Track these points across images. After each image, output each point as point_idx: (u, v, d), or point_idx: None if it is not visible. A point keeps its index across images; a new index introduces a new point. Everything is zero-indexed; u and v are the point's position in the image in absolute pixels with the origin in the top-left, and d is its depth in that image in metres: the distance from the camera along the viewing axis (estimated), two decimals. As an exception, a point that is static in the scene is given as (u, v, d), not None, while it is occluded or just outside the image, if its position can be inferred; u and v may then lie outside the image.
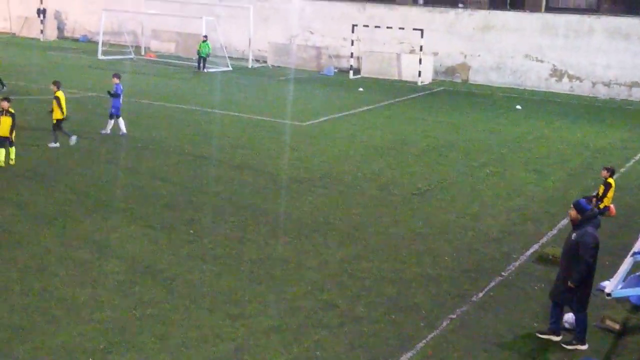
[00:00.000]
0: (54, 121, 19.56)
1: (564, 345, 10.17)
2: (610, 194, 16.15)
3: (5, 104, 17.46)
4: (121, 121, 21.43)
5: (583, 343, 10.18)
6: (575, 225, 10.04)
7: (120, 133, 21.33)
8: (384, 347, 9.91)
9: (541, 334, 10.41)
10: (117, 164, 18.60)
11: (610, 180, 16.23)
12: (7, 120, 17.44)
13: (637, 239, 11.48)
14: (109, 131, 21.40)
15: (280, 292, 11.49)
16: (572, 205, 10.14)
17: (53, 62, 37.26)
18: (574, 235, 9.97)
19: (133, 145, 20.53)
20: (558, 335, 10.33)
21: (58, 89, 19.46)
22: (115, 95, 21.24)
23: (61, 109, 19.35)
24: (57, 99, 19.32)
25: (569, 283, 9.89)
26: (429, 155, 21.28)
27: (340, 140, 22.71)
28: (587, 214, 9.95)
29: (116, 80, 21.50)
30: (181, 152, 20.06)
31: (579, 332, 10.21)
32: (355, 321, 10.62)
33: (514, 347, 10.15)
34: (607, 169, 16.47)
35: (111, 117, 21.43)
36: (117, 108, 21.31)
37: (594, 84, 35.47)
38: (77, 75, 32.98)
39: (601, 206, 16.14)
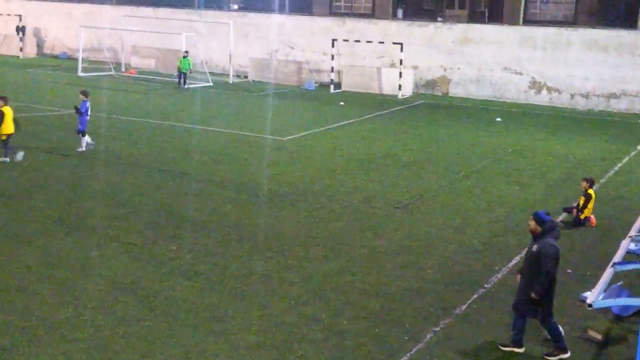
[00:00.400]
0: (3, 136, 19.57)
1: (547, 358, 10.19)
2: (590, 204, 16.28)
3: None
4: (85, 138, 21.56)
5: (565, 351, 10.20)
6: (536, 236, 9.99)
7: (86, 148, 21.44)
8: (368, 361, 9.90)
9: (503, 346, 10.38)
10: (98, 181, 18.50)
11: (590, 191, 16.36)
12: None
13: (618, 249, 11.55)
14: (84, 148, 21.34)
15: (263, 307, 11.45)
16: (531, 217, 10.09)
17: (32, 80, 37.09)
18: (534, 246, 9.93)
19: (113, 162, 20.45)
20: (520, 347, 10.32)
21: (5, 104, 19.55)
22: (80, 113, 21.34)
23: (8, 123, 19.45)
24: (2, 114, 19.37)
25: (532, 295, 9.85)
26: (411, 168, 21.36)
27: (321, 154, 22.75)
28: (547, 225, 9.90)
29: (83, 97, 21.64)
30: (162, 169, 20.00)
31: (557, 342, 10.21)
32: (339, 335, 10.60)
33: (498, 359, 10.16)
34: (587, 180, 16.60)
35: (79, 133, 21.45)
36: (84, 124, 21.39)
37: (572, 95, 35.78)
38: (56, 92, 32.84)
39: (582, 217, 16.27)
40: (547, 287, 9.85)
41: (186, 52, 37.95)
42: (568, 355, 10.19)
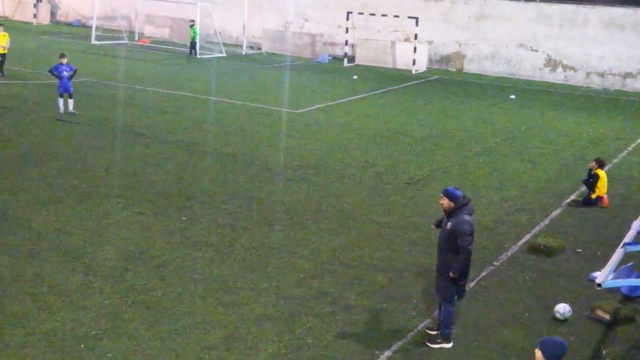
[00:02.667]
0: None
1: (429, 344, 9.76)
2: (601, 185, 16.17)
3: None
4: (61, 101, 21.80)
5: (449, 341, 9.79)
6: (449, 214, 9.58)
7: (61, 111, 21.76)
8: (376, 336, 9.93)
9: (430, 330, 10.09)
10: (110, 150, 18.54)
11: (600, 171, 16.23)
12: None
13: (629, 229, 11.50)
14: (61, 109, 21.78)
15: (272, 280, 11.49)
16: (442, 194, 9.63)
17: (46, 47, 37.05)
18: (448, 224, 9.51)
19: (126, 131, 20.47)
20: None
21: None
22: (56, 76, 21.72)
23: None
24: None
25: (451, 274, 9.45)
26: (423, 144, 21.28)
27: (333, 128, 22.69)
28: (460, 201, 9.52)
29: (62, 60, 21.93)
30: (174, 139, 20.02)
31: (446, 327, 9.75)
32: (347, 310, 10.63)
33: (504, 337, 10.18)
34: (596, 161, 16.49)
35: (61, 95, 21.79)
36: (63, 87, 21.70)
37: (588, 74, 35.49)
38: (70, 60, 32.76)
39: (593, 196, 16.18)
40: (464, 265, 9.49)
41: (192, 21, 37.88)
42: (450, 345, 9.76)
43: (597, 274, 11.30)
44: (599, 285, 9.40)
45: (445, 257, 9.61)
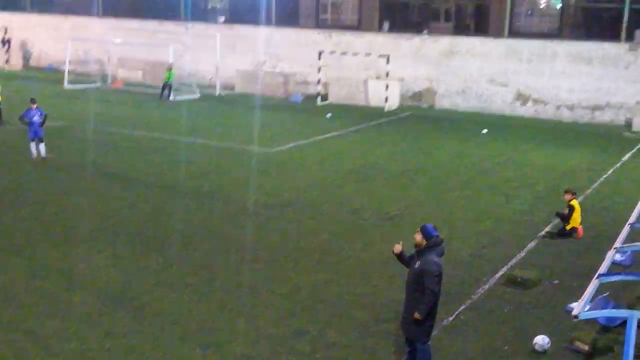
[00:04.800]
0: None
1: None
2: (575, 215, 16.35)
3: None
4: (33, 145, 21.63)
5: None
6: (419, 251, 9.64)
7: (33, 156, 21.59)
8: (357, 373, 9.89)
9: None
10: (85, 193, 18.43)
11: (574, 202, 16.43)
12: None
13: (603, 260, 11.63)
14: (34, 153, 21.60)
15: (251, 319, 11.44)
16: (418, 230, 9.70)
17: (18, 92, 36.89)
18: (417, 263, 9.56)
19: (100, 174, 20.39)
20: None
21: None
22: (26, 123, 21.56)
23: None
24: None
25: (416, 315, 9.46)
26: (398, 179, 21.41)
27: (309, 166, 22.77)
28: (432, 241, 9.57)
29: (32, 105, 21.85)
30: (149, 181, 19.96)
31: None
32: (327, 347, 10.59)
33: (486, 370, 10.20)
34: (568, 192, 16.68)
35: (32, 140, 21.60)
36: (33, 132, 21.54)
37: (558, 107, 35.99)
38: (42, 104, 32.64)
39: (567, 228, 16.34)
40: (430, 306, 9.47)
41: (170, 64, 38.09)
42: None
43: (574, 305, 11.39)
44: (576, 316, 9.48)
45: (413, 296, 9.60)
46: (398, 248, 9.91)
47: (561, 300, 12.74)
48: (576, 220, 16.37)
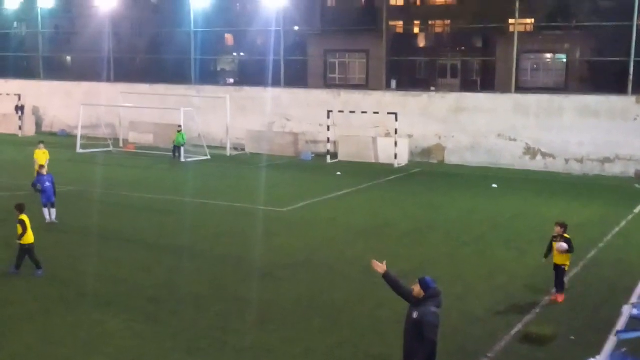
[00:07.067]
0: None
1: None
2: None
3: None
4: (46, 211, 22.03)
5: None
6: (417, 302, 9.75)
7: (47, 221, 21.93)
8: None
9: None
10: (99, 257, 18.51)
11: (566, 235, 16.33)
12: None
13: (620, 314, 11.53)
14: (48, 219, 22.01)
15: (266, 382, 11.36)
16: (417, 281, 9.82)
17: (32, 157, 37.30)
18: (415, 313, 9.66)
19: (113, 238, 20.49)
20: None
21: (22, 212, 17.15)
22: (38, 190, 22.01)
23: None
24: (23, 222, 16.88)
25: None
26: (410, 236, 21.41)
27: (320, 224, 22.82)
28: (430, 292, 9.70)
29: (42, 171, 22.56)
30: (162, 244, 20.04)
31: None
32: (344, 409, 10.49)
33: None
34: (561, 225, 16.53)
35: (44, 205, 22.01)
36: (46, 198, 21.98)
37: (567, 160, 36.09)
38: (56, 169, 33.00)
39: (566, 269, 16.12)
40: (428, 356, 9.50)
41: (179, 126, 38.58)
42: None
43: (592, 360, 11.26)
44: (594, 374, 9.36)
45: (411, 345, 9.64)
46: (382, 267, 10.00)
47: (578, 356, 12.58)
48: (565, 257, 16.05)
